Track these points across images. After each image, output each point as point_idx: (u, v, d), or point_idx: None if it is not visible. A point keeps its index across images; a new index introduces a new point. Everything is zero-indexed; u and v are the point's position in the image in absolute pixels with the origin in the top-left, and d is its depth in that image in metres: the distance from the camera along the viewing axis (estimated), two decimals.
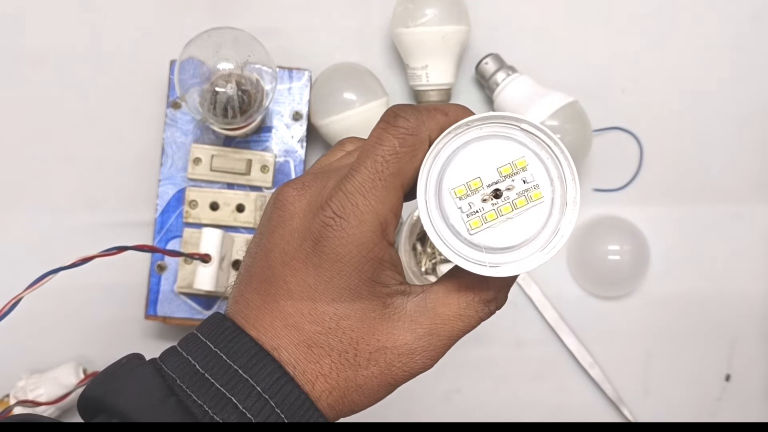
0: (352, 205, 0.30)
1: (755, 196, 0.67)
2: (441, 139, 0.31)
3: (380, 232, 0.31)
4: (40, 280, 0.43)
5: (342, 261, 0.30)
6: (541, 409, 0.66)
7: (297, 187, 0.32)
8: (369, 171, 0.30)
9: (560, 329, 0.65)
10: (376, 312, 0.31)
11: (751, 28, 0.68)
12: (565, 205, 0.31)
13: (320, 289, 0.31)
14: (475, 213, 0.31)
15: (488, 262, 0.31)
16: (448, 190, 0.31)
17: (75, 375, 0.60)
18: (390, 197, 0.31)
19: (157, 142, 0.62)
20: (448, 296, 0.32)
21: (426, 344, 0.32)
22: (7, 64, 0.65)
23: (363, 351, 0.31)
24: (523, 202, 0.31)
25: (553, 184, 0.31)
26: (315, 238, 0.30)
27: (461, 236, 0.31)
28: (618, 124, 0.67)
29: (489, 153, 0.31)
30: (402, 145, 0.31)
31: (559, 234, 0.31)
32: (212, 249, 0.55)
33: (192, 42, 0.54)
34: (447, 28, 0.60)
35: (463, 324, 0.32)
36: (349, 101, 0.60)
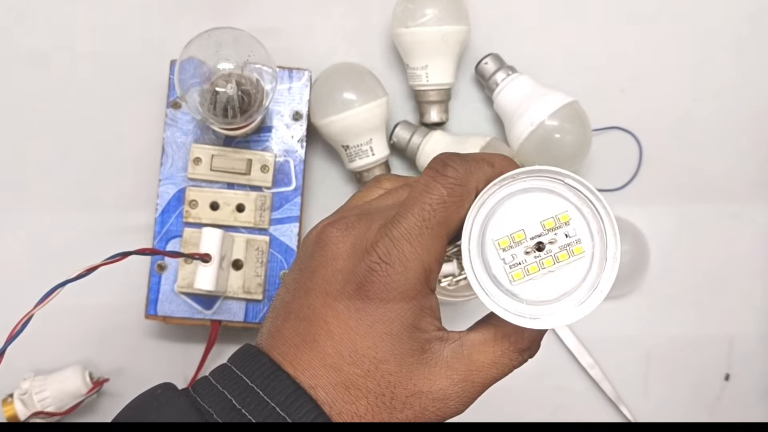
0: (398, 252, 0.31)
1: (755, 196, 0.67)
2: (487, 189, 0.32)
3: (424, 280, 0.31)
4: (48, 295, 0.44)
5: (386, 307, 0.31)
6: (541, 409, 0.66)
7: (341, 228, 0.33)
8: (416, 218, 0.31)
9: (560, 329, 0.65)
10: (414, 357, 0.32)
11: (751, 28, 0.68)
12: (605, 260, 0.32)
13: (361, 332, 0.31)
14: (518, 264, 0.32)
15: (528, 314, 0.32)
16: (491, 240, 0.32)
17: (81, 379, 0.60)
18: (435, 245, 0.31)
19: (157, 142, 0.62)
20: (484, 344, 0.33)
21: (461, 390, 0.32)
22: (7, 64, 0.65)
23: (399, 395, 0.31)
24: (565, 256, 0.32)
25: (593, 240, 0.32)
26: (359, 281, 0.31)
27: (502, 287, 0.32)
28: (618, 124, 0.67)
29: (533, 206, 0.32)
30: (450, 195, 0.31)
31: (597, 289, 0.32)
32: (212, 249, 0.55)
33: (192, 42, 0.54)
34: (447, 28, 0.60)
35: (497, 371, 0.33)
36: (349, 101, 0.60)
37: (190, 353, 0.63)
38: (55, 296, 0.43)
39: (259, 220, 0.60)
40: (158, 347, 0.64)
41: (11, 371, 0.62)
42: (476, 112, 0.67)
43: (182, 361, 0.63)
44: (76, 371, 0.60)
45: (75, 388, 0.60)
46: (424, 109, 0.63)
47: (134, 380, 0.63)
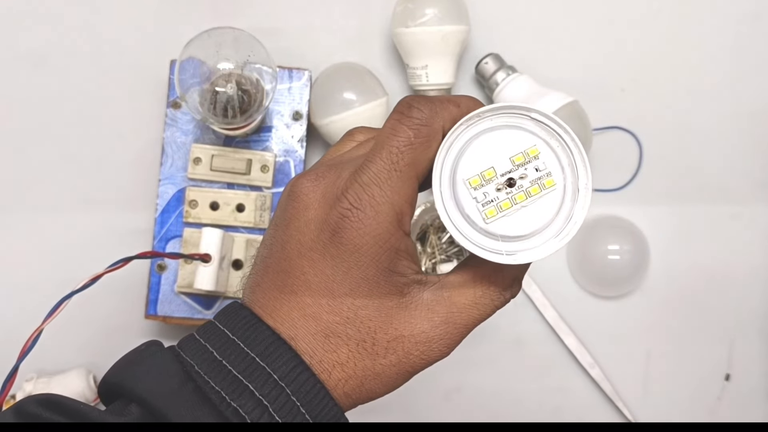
0: (368, 197, 0.31)
1: (755, 196, 0.67)
2: (454, 130, 0.32)
3: (396, 223, 0.31)
4: (56, 308, 0.45)
5: (359, 252, 0.31)
6: (542, 408, 0.66)
7: (311, 178, 0.33)
8: (384, 162, 0.31)
9: (560, 329, 0.65)
10: (393, 301, 0.32)
11: (751, 28, 0.68)
12: (578, 192, 0.32)
13: (338, 279, 0.31)
14: (490, 202, 0.32)
15: (504, 251, 0.32)
16: (462, 180, 0.32)
17: (85, 381, 0.60)
18: (405, 188, 0.31)
19: (157, 141, 0.62)
20: (464, 285, 0.33)
21: (443, 332, 0.32)
22: (7, 64, 0.65)
23: (381, 340, 0.31)
24: (537, 190, 0.31)
25: (564, 172, 0.32)
26: (332, 229, 0.31)
27: (477, 226, 0.32)
28: (618, 123, 0.67)
29: (501, 143, 0.32)
30: (416, 135, 0.31)
31: (572, 221, 0.31)
32: (212, 249, 0.55)
33: (192, 42, 0.54)
34: (447, 27, 0.60)
35: (478, 312, 0.33)
36: (349, 101, 0.60)
37: None
38: (63, 309, 0.44)
39: (259, 220, 0.60)
40: None
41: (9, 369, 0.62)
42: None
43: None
44: (80, 374, 0.60)
45: (79, 391, 0.60)
46: None
47: None
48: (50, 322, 0.43)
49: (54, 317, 0.43)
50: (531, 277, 0.66)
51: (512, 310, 0.67)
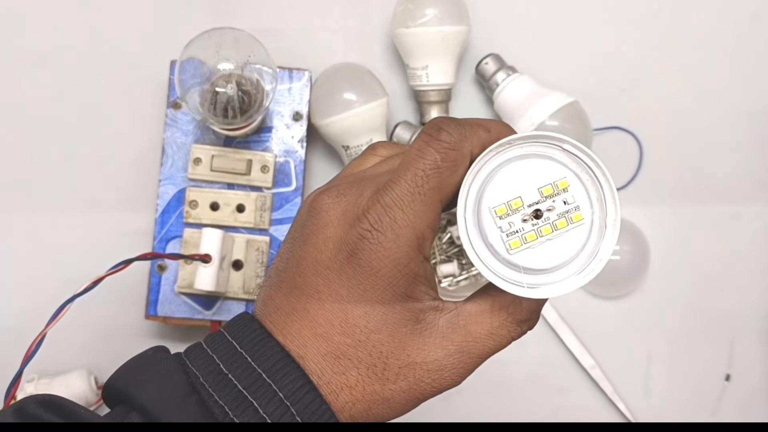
0: (390, 219, 0.30)
1: (755, 196, 0.67)
2: (483, 156, 0.31)
3: (416, 247, 0.30)
4: (58, 312, 0.45)
5: (377, 275, 0.30)
6: (542, 409, 0.66)
7: (332, 195, 0.32)
8: (409, 184, 0.30)
9: (560, 329, 0.65)
10: (407, 327, 0.31)
11: (751, 28, 0.68)
12: (605, 228, 0.31)
13: (353, 300, 0.31)
14: (515, 233, 0.31)
15: (526, 283, 0.31)
16: (488, 208, 0.31)
17: (86, 382, 0.60)
18: (428, 212, 0.30)
19: (157, 142, 0.62)
20: (481, 315, 0.32)
21: (456, 361, 0.31)
22: (7, 64, 0.65)
23: (392, 365, 0.31)
24: (564, 224, 0.31)
25: (593, 206, 0.31)
26: (350, 249, 0.30)
27: (499, 255, 0.31)
28: (618, 123, 0.67)
29: (530, 172, 0.31)
30: (444, 159, 0.30)
31: (597, 257, 0.31)
32: (212, 249, 0.55)
33: (192, 42, 0.54)
34: (447, 28, 0.60)
35: (494, 343, 0.32)
36: (349, 101, 0.60)
37: None
38: (66, 312, 0.44)
39: (259, 220, 0.60)
40: None
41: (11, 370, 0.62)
42: (476, 113, 0.66)
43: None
44: (81, 375, 0.60)
45: (81, 392, 0.60)
46: (425, 110, 0.63)
47: None
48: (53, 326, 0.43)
49: (57, 321, 0.43)
50: None
51: None
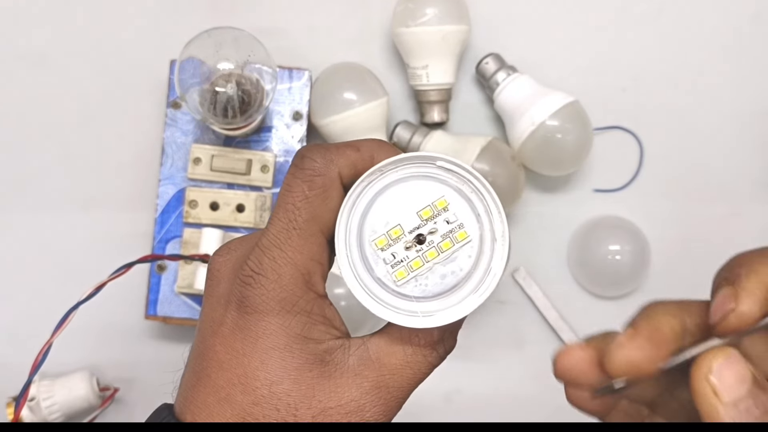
0: (269, 260, 0.29)
1: (756, 196, 0.67)
2: (355, 187, 0.30)
3: (303, 284, 0.29)
4: (63, 320, 0.45)
5: (265, 320, 0.29)
6: (542, 409, 0.66)
7: (222, 253, 0.31)
8: (282, 222, 0.29)
9: (561, 329, 0.65)
10: (313, 371, 0.29)
11: (751, 28, 0.68)
12: (495, 241, 0.29)
13: (248, 352, 0.29)
14: (400, 263, 0.29)
15: (420, 312, 0.29)
16: (369, 242, 0.29)
17: (89, 384, 0.60)
18: (308, 245, 0.29)
19: (157, 142, 0.62)
20: (391, 345, 0.30)
21: (375, 398, 0.29)
22: (7, 64, 0.65)
23: (304, 417, 0.28)
24: (449, 245, 0.29)
25: (480, 220, 0.29)
26: (238, 299, 0.29)
27: (389, 288, 0.29)
28: (618, 123, 0.67)
29: (408, 196, 0.30)
30: (311, 188, 0.29)
31: (491, 273, 0.29)
32: (212, 249, 0.55)
33: (192, 42, 0.54)
34: (447, 27, 0.60)
35: (412, 372, 0.30)
36: (349, 101, 0.60)
37: None
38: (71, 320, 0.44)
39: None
40: (158, 348, 0.64)
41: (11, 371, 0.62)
42: (477, 112, 0.66)
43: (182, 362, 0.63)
44: (83, 378, 0.60)
45: (83, 394, 0.60)
46: (425, 109, 0.63)
47: (134, 381, 0.63)
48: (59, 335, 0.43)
49: (62, 329, 0.43)
50: (531, 277, 0.66)
51: (513, 311, 0.67)
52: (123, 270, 0.47)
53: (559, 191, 0.67)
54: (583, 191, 0.67)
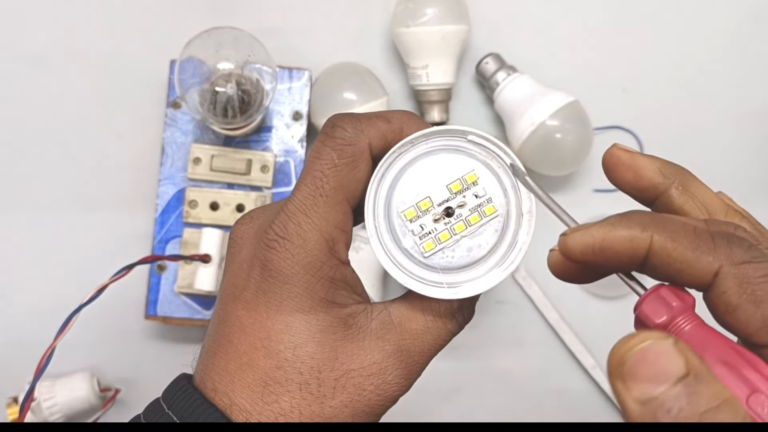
0: (294, 225, 0.29)
1: (756, 196, 0.67)
2: (387, 158, 0.30)
3: (327, 250, 0.29)
4: (66, 324, 0.46)
5: (291, 282, 0.29)
6: (542, 409, 0.66)
7: (244, 221, 0.31)
8: (309, 188, 0.29)
9: (561, 329, 0.65)
10: (336, 334, 0.29)
11: (751, 28, 0.68)
12: (521, 216, 0.30)
13: (271, 315, 0.29)
14: (428, 234, 0.30)
15: (446, 283, 0.30)
16: (397, 213, 0.30)
17: (89, 385, 0.60)
18: (334, 213, 0.29)
19: (157, 142, 0.62)
20: (413, 311, 0.30)
21: (397, 362, 0.30)
22: (7, 64, 0.65)
23: (327, 379, 0.29)
24: (477, 219, 0.30)
25: (507, 196, 0.30)
26: (261, 263, 0.29)
27: (416, 259, 0.30)
28: (619, 123, 0.67)
29: (437, 169, 0.30)
30: (340, 156, 0.29)
31: (516, 247, 0.30)
32: (212, 249, 0.55)
33: (192, 42, 0.54)
34: (447, 27, 0.60)
35: (432, 338, 0.30)
36: (349, 101, 0.60)
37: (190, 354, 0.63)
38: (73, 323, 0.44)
39: None
40: (158, 348, 0.64)
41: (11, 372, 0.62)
42: (477, 112, 0.66)
43: (182, 362, 0.63)
44: (84, 378, 0.60)
45: (84, 395, 0.59)
46: (425, 109, 0.63)
47: (134, 381, 0.63)
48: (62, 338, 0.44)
49: (65, 333, 0.44)
50: (531, 277, 0.66)
51: (513, 311, 0.67)
52: (124, 272, 0.47)
53: (559, 191, 0.67)
54: (583, 191, 0.67)
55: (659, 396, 0.22)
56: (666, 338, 0.23)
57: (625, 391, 0.23)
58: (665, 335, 0.23)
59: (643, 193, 0.30)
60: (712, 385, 0.22)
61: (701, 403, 0.22)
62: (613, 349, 0.23)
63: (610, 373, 0.23)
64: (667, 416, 0.22)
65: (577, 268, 0.28)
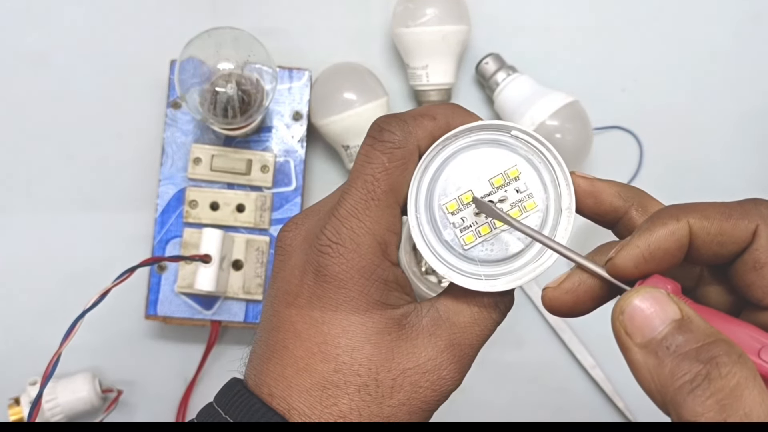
0: (347, 230, 0.29)
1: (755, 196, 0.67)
2: (430, 152, 0.30)
3: (380, 253, 0.30)
4: (71, 330, 0.45)
5: (346, 287, 0.29)
6: (542, 409, 0.66)
7: (291, 228, 0.32)
8: (360, 192, 0.29)
9: (561, 329, 0.65)
10: (391, 335, 0.29)
11: (751, 29, 0.68)
12: (560, 212, 0.30)
13: (327, 321, 0.29)
14: (469, 228, 0.30)
15: (484, 275, 0.30)
16: (438, 206, 0.30)
17: (91, 386, 0.60)
18: (386, 216, 0.30)
19: (157, 142, 0.62)
20: (458, 305, 0.31)
21: (450, 356, 0.30)
22: (7, 64, 0.65)
23: (385, 380, 0.29)
24: (517, 213, 0.30)
25: (546, 191, 0.30)
26: (315, 269, 0.29)
27: (455, 251, 0.30)
28: (618, 123, 0.67)
29: (479, 163, 0.30)
30: (391, 160, 0.29)
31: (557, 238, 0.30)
32: (212, 249, 0.55)
33: (192, 42, 0.54)
34: (447, 27, 0.60)
35: (479, 329, 0.31)
36: (349, 101, 0.60)
37: (190, 354, 0.63)
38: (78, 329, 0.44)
39: (259, 220, 0.60)
40: (158, 348, 0.64)
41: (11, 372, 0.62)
42: (477, 112, 0.66)
43: (182, 362, 0.63)
44: (86, 379, 0.60)
45: (86, 396, 0.59)
46: None
47: (134, 381, 0.63)
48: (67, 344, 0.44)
49: (70, 339, 0.44)
50: None
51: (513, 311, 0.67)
52: (126, 275, 0.47)
53: None
54: None
55: (657, 335, 0.24)
56: (660, 290, 0.25)
57: (628, 339, 0.25)
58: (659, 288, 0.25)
59: (604, 217, 0.31)
60: (705, 326, 0.24)
61: (698, 338, 0.23)
62: (616, 304, 0.26)
63: (613, 325, 0.25)
64: (667, 353, 0.23)
65: (574, 300, 0.30)
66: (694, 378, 0.22)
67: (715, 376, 0.22)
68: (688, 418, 0.22)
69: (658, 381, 0.23)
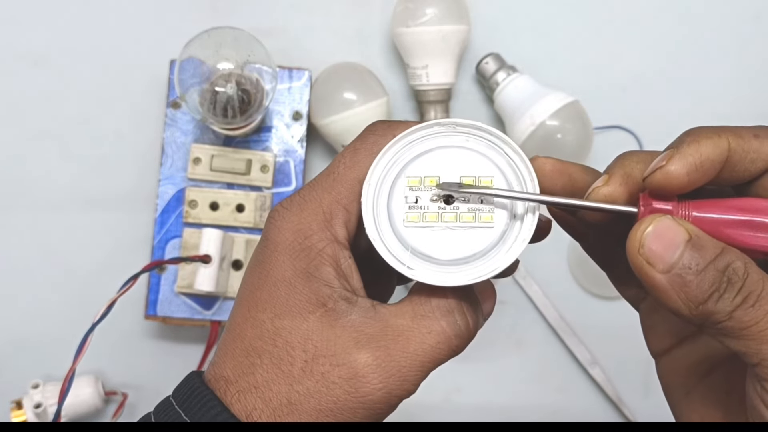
0: (299, 197, 0.30)
1: None
2: (424, 126, 0.30)
3: (322, 222, 0.29)
4: (82, 345, 0.46)
5: (278, 249, 0.29)
6: (542, 409, 0.66)
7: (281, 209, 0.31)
8: (325, 171, 0.30)
9: (561, 329, 0.65)
10: (314, 314, 0.28)
11: (751, 29, 0.68)
12: (513, 242, 0.29)
13: (259, 285, 0.29)
14: (418, 208, 0.30)
15: (407, 262, 0.29)
16: (404, 176, 0.30)
17: (94, 387, 0.60)
18: (338, 187, 0.29)
19: (157, 142, 0.62)
20: (402, 307, 0.29)
21: (374, 359, 0.27)
22: (7, 64, 0.65)
23: (298, 359, 0.27)
24: (470, 219, 0.29)
25: (511, 218, 0.30)
26: (263, 236, 0.30)
27: (394, 224, 0.29)
28: (619, 123, 0.67)
29: (462, 161, 0.30)
30: (362, 143, 0.30)
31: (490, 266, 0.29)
32: (212, 249, 0.55)
33: (192, 42, 0.54)
34: (447, 27, 0.60)
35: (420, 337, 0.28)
36: (349, 101, 0.60)
37: (190, 354, 0.63)
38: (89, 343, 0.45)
39: (259, 220, 0.60)
40: (158, 348, 0.64)
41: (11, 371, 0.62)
42: (477, 112, 0.66)
43: (182, 362, 0.63)
44: (89, 382, 0.60)
45: (89, 398, 0.59)
46: (425, 109, 0.63)
47: (134, 381, 0.63)
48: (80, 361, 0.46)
49: (83, 354, 0.45)
50: (531, 277, 0.66)
51: (512, 311, 0.67)
52: (130, 283, 0.48)
53: None
54: None
55: (677, 259, 0.26)
56: (664, 217, 0.27)
57: (650, 269, 0.26)
58: (663, 215, 0.27)
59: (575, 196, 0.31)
60: (710, 240, 0.26)
61: (709, 254, 0.26)
62: (630, 238, 0.27)
63: (633, 260, 0.27)
64: (690, 273, 0.26)
65: None
66: (719, 286, 0.25)
67: (735, 279, 0.25)
68: (720, 320, 0.25)
69: (687, 298, 0.26)
